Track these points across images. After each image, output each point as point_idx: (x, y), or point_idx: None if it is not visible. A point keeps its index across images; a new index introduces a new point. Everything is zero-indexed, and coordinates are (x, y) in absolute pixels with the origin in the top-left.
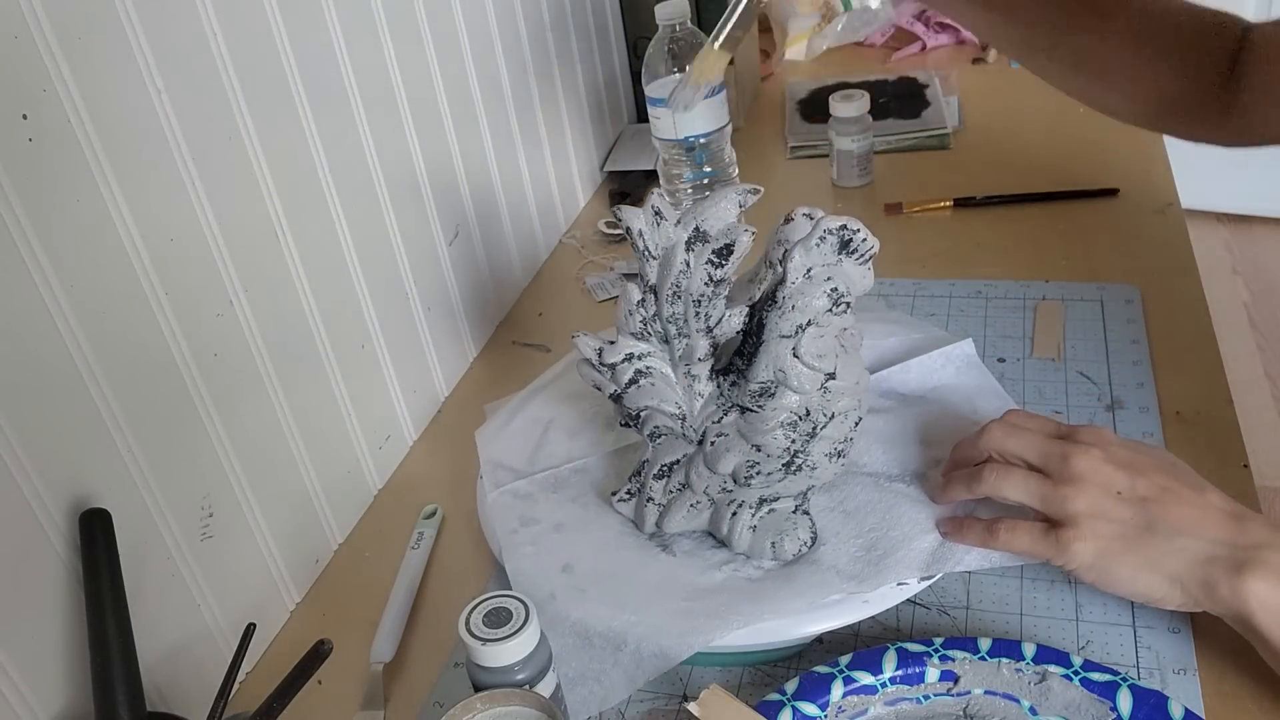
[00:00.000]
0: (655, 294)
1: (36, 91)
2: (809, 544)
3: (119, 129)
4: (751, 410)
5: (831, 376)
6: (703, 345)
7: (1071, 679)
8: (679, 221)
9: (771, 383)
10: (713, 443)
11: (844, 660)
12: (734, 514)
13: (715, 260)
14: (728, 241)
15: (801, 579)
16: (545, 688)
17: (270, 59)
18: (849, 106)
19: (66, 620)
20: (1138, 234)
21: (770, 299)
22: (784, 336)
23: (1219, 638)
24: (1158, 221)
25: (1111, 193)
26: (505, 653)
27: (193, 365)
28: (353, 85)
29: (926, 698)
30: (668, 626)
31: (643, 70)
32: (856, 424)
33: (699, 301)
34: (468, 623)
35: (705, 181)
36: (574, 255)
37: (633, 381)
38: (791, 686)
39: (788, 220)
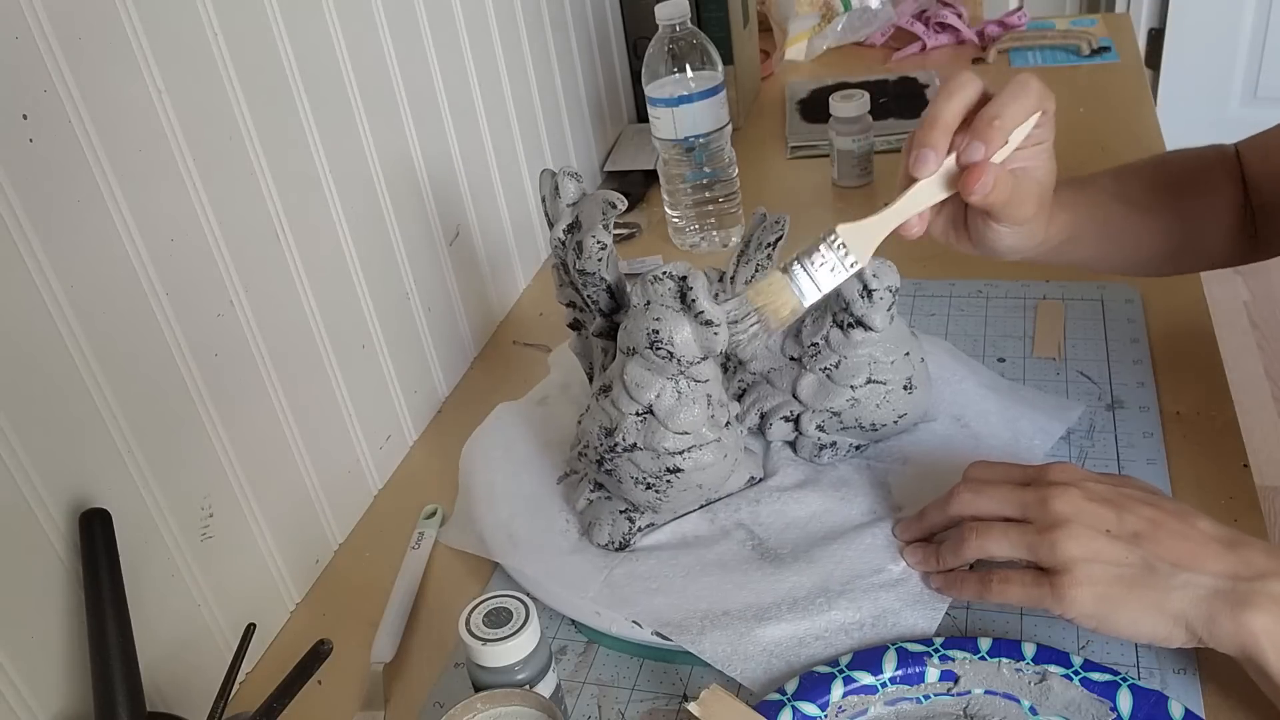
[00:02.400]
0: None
1: (36, 91)
2: (614, 544)
3: (119, 129)
4: (596, 399)
5: (650, 411)
6: (596, 323)
7: (1071, 679)
8: (572, 203)
9: (608, 386)
10: (586, 409)
11: (844, 660)
12: (581, 479)
13: (576, 252)
14: (580, 239)
15: (584, 560)
16: (545, 688)
17: (270, 59)
18: (849, 106)
19: (66, 620)
20: None
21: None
22: (621, 351)
23: None
24: None
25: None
26: (505, 653)
27: (193, 365)
28: (353, 85)
29: (926, 698)
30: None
31: (643, 70)
32: (673, 471)
33: (574, 283)
34: (468, 623)
35: (705, 181)
36: None
37: (573, 326)
38: (791, 686)
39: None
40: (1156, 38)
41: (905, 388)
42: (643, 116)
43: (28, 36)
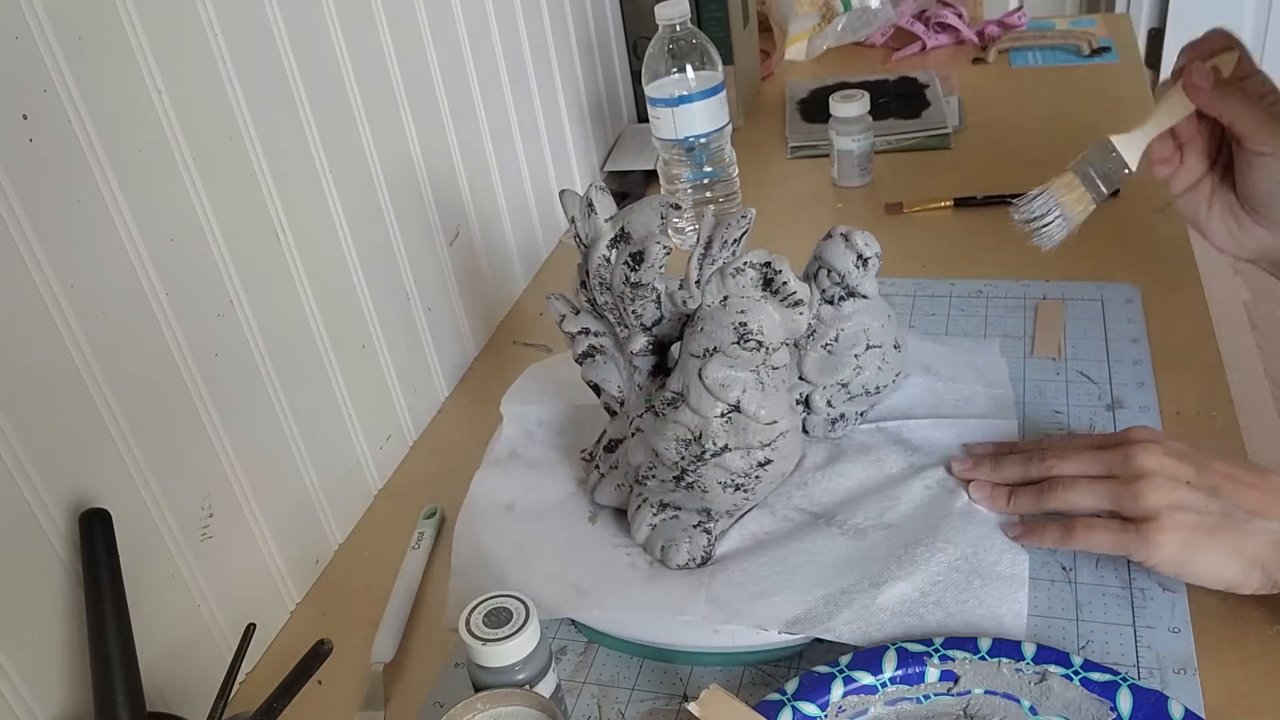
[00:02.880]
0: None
1: (37, 91)
2: (696, 562)
3: (119, 129)
4: (659, 415)
5: (736, 409)
6: (639, 340)
7: (1071, 679)
8: (610, 218)
9: (678, 395)
10: (631, 434)
11: (844, 660)
12: (638, 506)
13: (630, 264)
14: (641, 249)
15: (670, 584)
16: (545, 687)
17: (270, 59)
18: (849, 106)
19: (66, 620)
20: (1138, 234)
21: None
22: (693, 355)
23: (1219, 638)
24: (1158, 221)
25: (1112, 193)
26: (505, 653)
27: (193, 365)
28: (353, 85)
29: (926, 698)
30: (536, 580)
31: (643, 70)
32: (763, 465)
33: (622, 298)
34: (468, 623)
35: (705, 181)
36: (574, 255)
37: (587, 355)
38: (791, 686)
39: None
40: (1156, 38)
41: (895, 346)
42: (643, 116)
43: (28, 36)
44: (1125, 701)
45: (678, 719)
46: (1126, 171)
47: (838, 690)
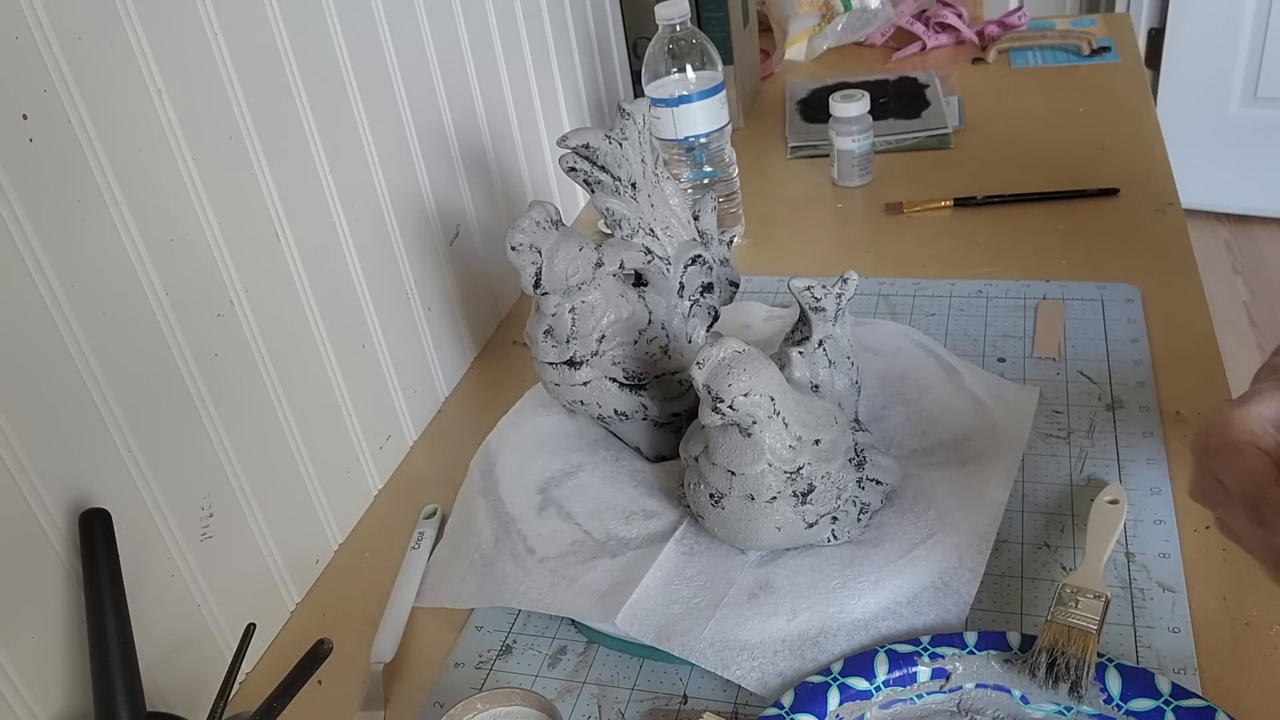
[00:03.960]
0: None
1: (36, 91)
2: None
3: (119, 129)
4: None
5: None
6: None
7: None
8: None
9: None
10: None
11: (836, 668)
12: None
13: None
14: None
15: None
16: None
17: (270, 59)
18: (849, 106)
19: (66, 620)
20: (1138, 234)
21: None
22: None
23: (1219, 638)
24: (1158, 221)
25: (1111, 193)
26: None
27: (193, 365)
28: (353, 85)
29: (920, 697)
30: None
31: (643, 70)
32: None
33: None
34: None
35: (705, 181)
36: None
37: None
38: (788, 700)
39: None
40: (1156, 38)
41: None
42: None
43: (28, 36)
44: (1114, 681)
45: (678, 719)
46: (1106, 600)
47: (834, 699)
